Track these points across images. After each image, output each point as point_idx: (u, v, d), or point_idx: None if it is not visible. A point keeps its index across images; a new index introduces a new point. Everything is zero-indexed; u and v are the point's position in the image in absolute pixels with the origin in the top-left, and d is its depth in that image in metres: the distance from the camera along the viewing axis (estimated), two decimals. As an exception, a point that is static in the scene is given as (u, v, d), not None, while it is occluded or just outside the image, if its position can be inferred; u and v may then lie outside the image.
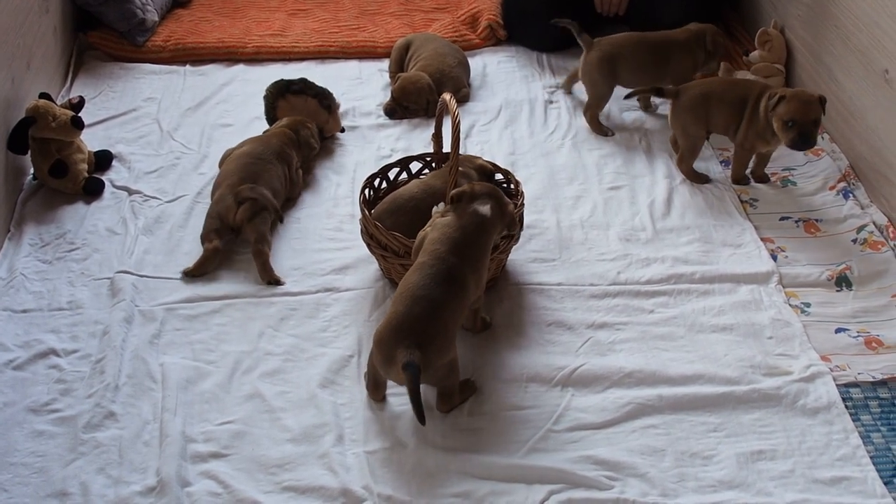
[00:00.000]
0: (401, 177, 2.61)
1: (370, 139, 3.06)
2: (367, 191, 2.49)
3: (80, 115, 2.78)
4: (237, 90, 3.34)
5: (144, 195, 2.76)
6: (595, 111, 3.08)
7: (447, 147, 2.37)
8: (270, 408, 2.07)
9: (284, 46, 3.57)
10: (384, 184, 2.58)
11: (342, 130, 3.05)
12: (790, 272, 2.47)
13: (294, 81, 2.97)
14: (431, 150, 2.61)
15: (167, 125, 3.12)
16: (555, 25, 3.11)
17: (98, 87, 3.30)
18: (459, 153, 2.23)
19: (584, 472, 1.90)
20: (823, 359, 2.17)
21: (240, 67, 3.49)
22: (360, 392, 2.11)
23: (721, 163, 2.93)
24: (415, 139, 3.05)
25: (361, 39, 3.63)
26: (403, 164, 2.61)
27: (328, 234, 2.62)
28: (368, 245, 2.38)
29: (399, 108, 3.17)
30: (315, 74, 3.18)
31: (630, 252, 2.53)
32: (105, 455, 1.96)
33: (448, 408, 2.04)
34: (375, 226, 2.29)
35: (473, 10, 3.72)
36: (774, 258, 2.51)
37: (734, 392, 2.08)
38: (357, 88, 3.35)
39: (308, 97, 2.94)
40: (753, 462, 1.94)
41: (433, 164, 2.60)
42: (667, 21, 3.19)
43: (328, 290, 2.41)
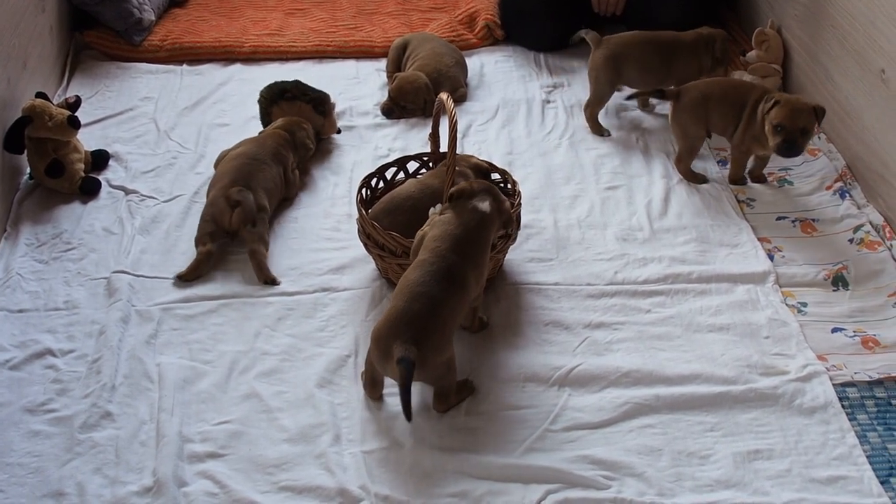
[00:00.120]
0: (398, 176, 2.61)
1: (367, 139, 3.06)
2: (365, 190, 2.49)
3: (77, 115, 2.78)
4: (234, 90, 3.33)
5: (141, 195, 2.76)
6: (596, 109, 3.08)
7: (444, 147, 2.37)
8: (267, 408, 2.07)
9: (281, 46, 3.57)
10: (381, 183, 2.58)
11: (338, 132, 3.05)
12: (787, 272, 2.47)
13: (288, 88, 2.94)
14: (429, 150, 2.61)
15: (164, 125, 3.11)
16: (552, 25, 3.11)
17: (94, 87, 3.30)
18: (456, 153, 2.23)
19: (581, 472, 1.90)
20: (820, 358, 2.18)
21: (237, 67, 3.49)
22: (358, 392, 2.11)
23: (718, 162, 2.93)
24: (412, 139, 3.05)
25: (359, 39, 3.63)
26: (400, 164, 2.61)
27: (325, 234, 2.62)
28: (365, 245, 2.38)
29: (396, 108, 3.17)
30: (312, 74, 3.18)
31: (627, 252, 2.53)
32: (101, 455, 1.95)
33: (445, 408, 2.04)
34: (373, 225, 2.29)
35: (471, 10, 3.72)
36: (771, 258, 2.51)
37: (731, 392, 2.08)
38: (354, 88, 3.35)
39: (302, 104, 2.92)
40: (750, 461, 1.94)
41: (430, 164, 2.60)
42: (664, 21, 3.19)
43: (325, 290, 2.40)
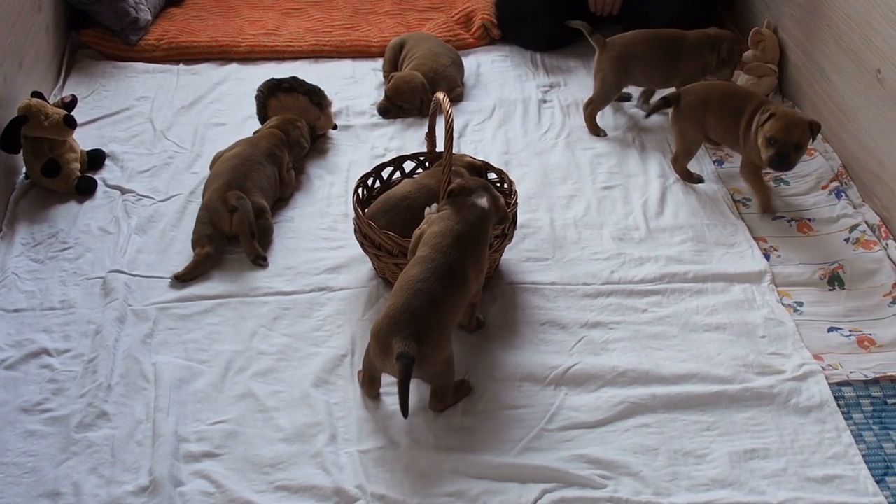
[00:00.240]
0: (394, 176, 2.61)
1: (364, 138, 3.06)
2: (361, 190, 2.49)
3: (73, 114, 2.77)
4: (230, 89, 3.33)
5: (137, 194, 2.76)
6: (597, 108, 3.08)
7: (441, 146, 2.37)
8: (263, 407, 2.07)
9: (278, 45, 3.57)
10: (378, 183, 2.58)
11: (334, 127, 3.05)
12: (783, 271, 2.47)
13: (284, 80, 2.96)
14: (425, 150, 2.61)
15: (160, 124, 3.11)
16: (549, 25, 3.10)
17: (91, 86, 3.29)
18: (452, 152, 2.23)
19: (578, 471, 1.90)
20: (816, 358, 2.18)
21: (233, 66, 3.49)
22: (354, 391, 2.11)
23: (714, 162, 2.93)
24: (408, 138, 3.05)
25: (355, 39, 3.62)
26: (397, 164, 2.61)
27: (322, 234, 2.62)
28: (362, 244, 2.38)
29: (393, 108, 3.17)
30: (309, 74, 3.18)
31: (623, 251, 2.53)
32: (97, 455, 1.95)
33: (441, 407, 2.04)
34: (369, 225, 2.29)
35: (467, 10, 3.72)
36: (767, 257, 2.51)
37: (727, 391, 2.09)
38: (351, 88, 3.35)
39: (299, 95, 2.93)
40: (746, 461, 1.94)
41: (427, 164, 2.60)
42: (660, 21, 3.18)
43: (322, 290, 2.40)
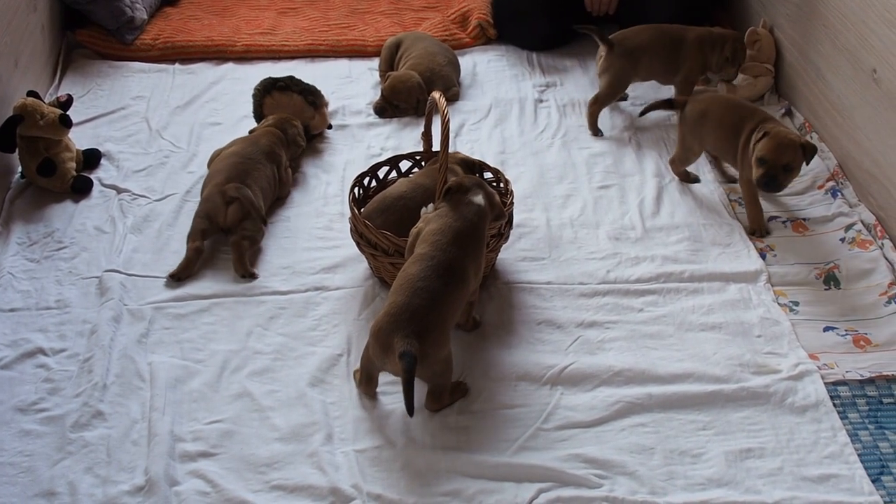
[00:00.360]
0: (390, 175, 2.61)
1: (360, 138, 3.06)
2: (357, 189, 2.49)
3: (69, 114, 2.77)
4: (226, 89, 3.33)
5: (133, 194, 2.76)
6: (601, 107, 3.07)
7: (437, 146, 2.37)
8: (259, 407, 2.07)
9: (274, 45, 3.57)
10: (374, 182, 2.58)
11: (329, 127, 3.05)
12: (779, 271, 2.47)
13: (281, 78, 2.96)
14: (421, 149, 2.61)
15: (156, 124, 3.10)
16: (545, 25, 3.10)
17: (86, 86, 3.29)
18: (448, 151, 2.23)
19: (574, 471, 1.90)
20: (812, 357, 2.18)
21: (229, 66, 3.48)
22: (350, 391, 2.11)
23: (710, 162, 2.93)
24: (404, 138, 3.05)
25: (351, 38, 3.62)
26: (393, 163, 2.61)
27: (318, 233, 2.62)
28: (358, 244, 2.38)
29: (389, 107, 3.17)
30: (305, 73, 3.18)
31: (619, 251, 2.54)
32: (93, 454, 1.95)
33: (437, 407, 2.04)
34: (365, 224, 2.29)
35: (464, 9, 3.72)
36: (763, 257, 2.52)
37: (723, 390, 2.09)
38: (347, 87, 3.34)
39: (293, 94, 2.93)
40: (742, 460, 1.94)
41: (423, 163, 2.60)
42: (658, 21, 3.18)
43: (317, 289, 2.40)
